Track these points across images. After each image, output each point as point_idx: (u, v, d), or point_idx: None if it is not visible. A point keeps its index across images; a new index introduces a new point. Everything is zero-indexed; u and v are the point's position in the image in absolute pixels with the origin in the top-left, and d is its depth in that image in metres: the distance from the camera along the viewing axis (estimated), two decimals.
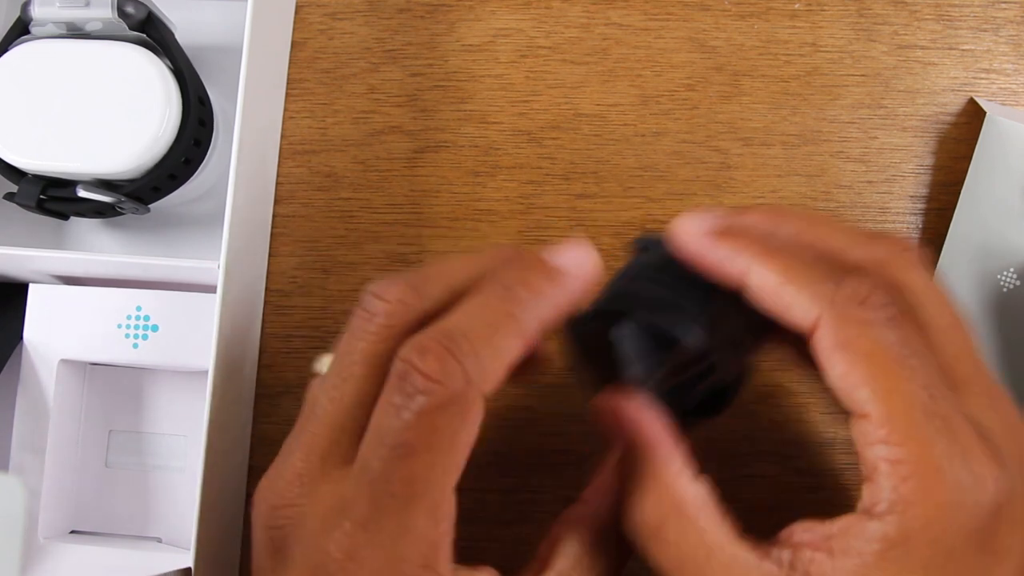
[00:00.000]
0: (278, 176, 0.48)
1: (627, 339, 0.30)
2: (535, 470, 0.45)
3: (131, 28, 0.43)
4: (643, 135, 0.47)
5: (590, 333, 0.32)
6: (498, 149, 0.48)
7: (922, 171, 0.47)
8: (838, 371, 0.26)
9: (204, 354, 0.42)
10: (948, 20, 0.48)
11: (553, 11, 0.49)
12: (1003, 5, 0.48)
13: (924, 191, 0.46)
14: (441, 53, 0.49)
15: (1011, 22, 0.48)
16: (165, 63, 0.43)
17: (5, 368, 0.44)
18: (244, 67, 0.41)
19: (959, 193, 0.46)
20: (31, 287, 0.44)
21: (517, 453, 0.45)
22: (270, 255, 0.48)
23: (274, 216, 0.48)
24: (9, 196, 0.43)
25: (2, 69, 0.42)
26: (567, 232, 0.47)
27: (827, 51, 0.48)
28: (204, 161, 0.45)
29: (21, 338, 0.44)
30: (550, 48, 0.48)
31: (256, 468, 0.46)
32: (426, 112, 0.48)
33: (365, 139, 0.48)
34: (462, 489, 0.46)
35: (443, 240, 0.47)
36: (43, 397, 0.43)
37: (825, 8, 0.48)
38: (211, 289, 0.42)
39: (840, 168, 0.47)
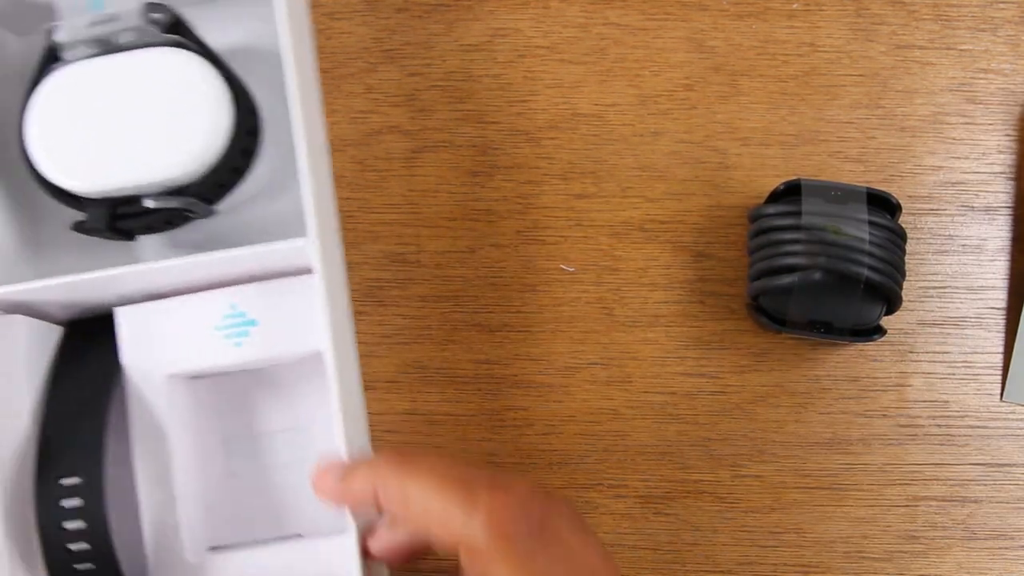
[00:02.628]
0: None
1: None
2: (531, 470, 0.45)
3: (163, 31, 0.42)
4: (641, 135, 0.47)
5: None
6: (496, 149, 0.48)
7: (920, 171, 0.47)
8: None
9: (309, 337, 0.40)
10: (946, 20, 0.48)
11: (551, 11, 0.48)
12: (1001, 5, 0.48)
13: (923, 191, 0.46)
14: (439, 53, 0.48)
15: (1009, 22, 0.48)
16: (202, 59, 0.42)
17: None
18: (290, 60, 0.40)
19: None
20: (117, 311, 0.42)
21: (513, 454, 0.45)
22: None
23: None
24: (78, 226, 0.42)
25: (42, 99, 0.41)
26: (565, 232, 0.47)
27: (825, 51, 0.48)
28: (258, 150, 0.44)
29: (119, 368, 0.41)
30: (548, 48, 0.48)
31: None
32: (424, 112, 0.48)
33: (363, 139, 0.48)
34: None
35: (441, 240, 0.47)
36: (155, 419, 0.41)
37: (823, 8, 0.48)
38: (303, 271, 0.41)
39: (838, 168, 0.47)
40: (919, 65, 0.47)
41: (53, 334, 0.43)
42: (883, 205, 0.43)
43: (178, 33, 0.43)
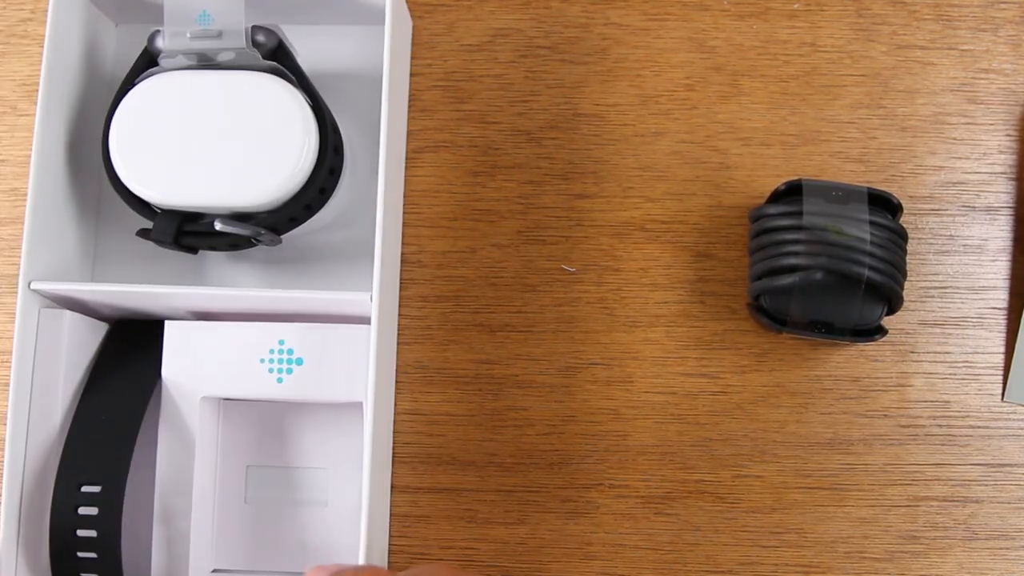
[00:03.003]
0: None
1: None
2: (532, 470, 0.45)
3: (263, 57, 0.42)
4: (642, 135, 0.47)
5: None
6: (497, 149, 0.48)
7: (921, 171, 0.47)
8: None
9: (352, 386, 0.40)
10: (947, 20, 0.48)
11: (552, 11, 0.48)
12: (1002, 5, 0.48)
13: (924, 191, 0.46)
14: (440, 53, 0.48)
15: (1010, 22, 0.48)
16: (299, 91, 0.42)
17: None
18: (385, 95, 0.40)
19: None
20: (167, 324, 0.42)
21: (513, 454, 0.45)
22: None
23: None
24: (143, 233, 0.42)
25: (132, 103, 0.41)
26: (566, 232, 0.47)
27: (826, 51, 0.48)
28: (336, 190, 0.44)
29: (158, 378, 0.41)
30: (549, 48, 0.48)
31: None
32: (425, 112, 0.48)
33: None
34: (460, 491, 0.46)
35: (442, 240, 0.47)
36: (184, 436, 0.41)
37: (824, 8, 0.48)
38: (356, 320, 0.41)
39: (839, 168, 0.47)
40: (920, 65, 0.47)
41: (98, 332, 0.43)
42: (884, 205, 0.43)
43: (278, 60, 0.42)
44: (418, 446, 0.45)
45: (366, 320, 0.40)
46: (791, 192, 0.44)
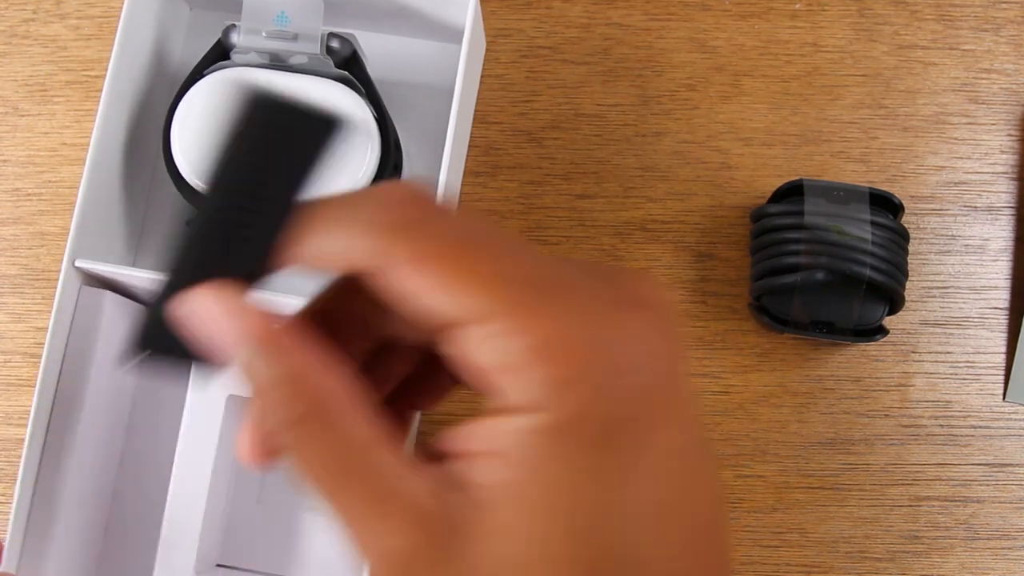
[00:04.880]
0: None
1: None
2: None
3: (336, 65, 0.42)
4: (644, 135, 0.47)
5: None
6: (498, 149, 0.48)
7: (923, 171, 0.47)
8: (410, 286, 0.20)
9: None
10: (949, 20, 0.48)
11: (554, 11, 0.48)
12: (1004, 5, 0.48)
13: (925, 191, 0.46)
14: None
15: (1012, 22, 0.48)
16: (366, 103, 0.41)
17: (169, 397, 0.43)
18: (454, 117, 0.40)
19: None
20: None
21: None
22: None
23: None
24: (191, 224, 0.42)
25: (199, 93, 0.41)
26: (568, 232, 0.47)
27: (828, 51, 0.48)
28: None
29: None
30: (551, 48, 0.48)
31: None
32: None
33: None
34: None
35: None
36: (207, 430, 0.41)
37: (826, 8, 0.48)
38: None
39: (841, 168, 0.47)
40: (922, 65, 0.47)
41: (135, 313, 0.44)
42: (885, 205, 0.43)
43: (350, 69, 0.42)
44: (420, 446, 0.45)
45: None
46: (792, 192, 0.44)
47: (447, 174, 0.40)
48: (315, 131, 0.22)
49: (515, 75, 0.48)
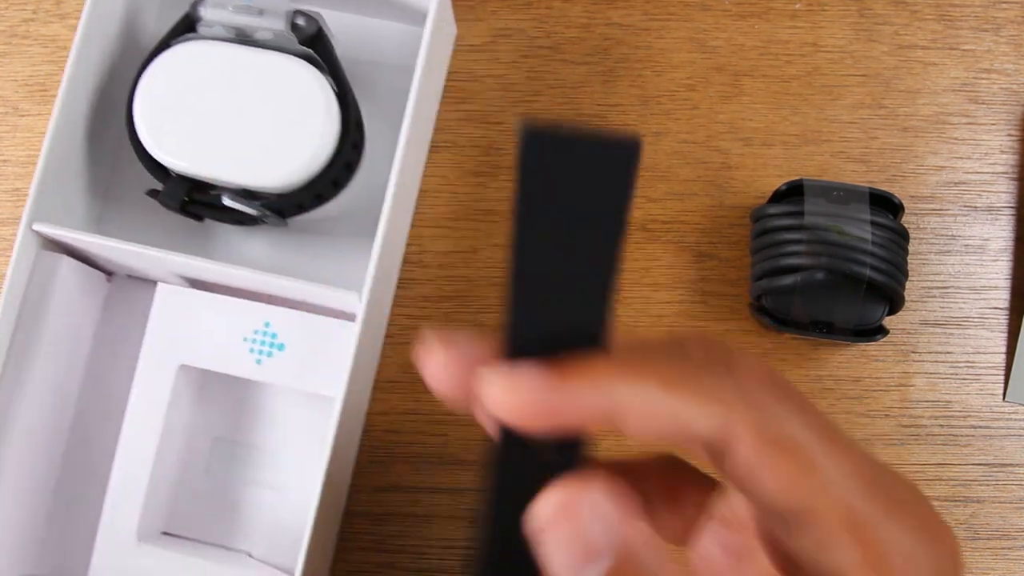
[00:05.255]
0: None
1: None
2: None
3: (300, 42, 0.42)
4: (643, 135, 0.47)
5: None
6: (499, 149, 0.48)
7: (923, 171, 0.47)
8: (772, 480, 0.19)
9: (328, 380, 0.40)
10: (949, 20, 0.48)
11: (554, 11, 0.48)
12: (1004, 5, 0.48)
13: (925, 191, 0.46)
14: None
15: (1012, 22, 0.48)
16: (328, 82, 0.42)
17: (123, 363, 0.43)
18: (413, 96, 0.40)
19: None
20: (159, 286, 0.42)
21: None
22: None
23: None
24: (152, 193, 0.42)
25: (164, 64, 0.41)
26: None
27: (828, 51, 0.48)
28: (348, 184, 0.44)
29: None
30: (551, 48, 0.48)
31: (356, 487, 0.45)
32: None
33: None
34: (463, 490, 0.46)
35: (444, 240, 0.47)
36: (157, 399, 0.42)
37: (826, 8, 0.48)
38: (344, 315, 0.41)
39: (841, 168, 0.47)
40: (922, 65, 0.47)
41: (98, 281, 0.45)
42: (885, 205, 0.43)
43: (315, 47, 0.42)
44: (420, 445, 0.45)
45: (353, 317, 0.40)
46: (792, 192, 0.44)
47: (403, 150, 0.40)
48: (614, 163, 0.19)
49: (515, 75, 0.48)
